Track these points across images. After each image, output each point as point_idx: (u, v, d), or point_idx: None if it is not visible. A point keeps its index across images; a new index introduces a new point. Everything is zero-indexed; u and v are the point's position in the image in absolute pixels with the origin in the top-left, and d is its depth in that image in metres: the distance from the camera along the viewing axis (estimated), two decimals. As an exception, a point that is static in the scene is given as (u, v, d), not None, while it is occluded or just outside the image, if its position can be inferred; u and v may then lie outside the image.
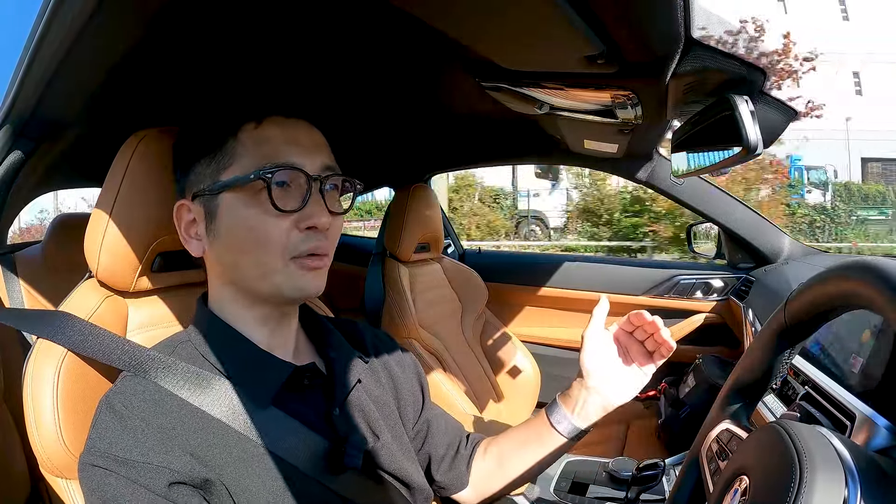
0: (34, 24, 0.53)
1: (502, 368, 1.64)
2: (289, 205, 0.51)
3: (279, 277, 0.52)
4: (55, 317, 0.57)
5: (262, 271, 0.52)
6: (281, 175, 0.52)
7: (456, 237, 2.09)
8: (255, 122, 0.54)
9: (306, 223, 0.52)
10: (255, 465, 0.50)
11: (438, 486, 0.70)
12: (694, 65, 0.59)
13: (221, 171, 0.53)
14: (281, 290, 0.53)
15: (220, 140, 0.53)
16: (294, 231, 0.52)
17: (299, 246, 0.52)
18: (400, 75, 0.92)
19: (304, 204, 0.52)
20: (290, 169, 0.52)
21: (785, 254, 1.50)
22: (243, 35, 0.69)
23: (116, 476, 0.45)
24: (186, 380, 0.51)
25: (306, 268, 0.53)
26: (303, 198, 0.52)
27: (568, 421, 0.67)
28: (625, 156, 1.34)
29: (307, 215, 0.52)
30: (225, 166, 0.53)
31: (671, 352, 0.63)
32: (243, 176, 0.51)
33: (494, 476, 0.70)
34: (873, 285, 0.36)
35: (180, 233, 0.56)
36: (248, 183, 0.51)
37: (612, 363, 0.67)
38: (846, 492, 0.32)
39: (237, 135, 0.53)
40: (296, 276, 0.52)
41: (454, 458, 0.70)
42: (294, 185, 0.53)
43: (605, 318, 0.67)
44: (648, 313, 0.62)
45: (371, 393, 0.63)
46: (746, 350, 0.54)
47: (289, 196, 0.52)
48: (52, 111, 0.70)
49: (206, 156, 0.54)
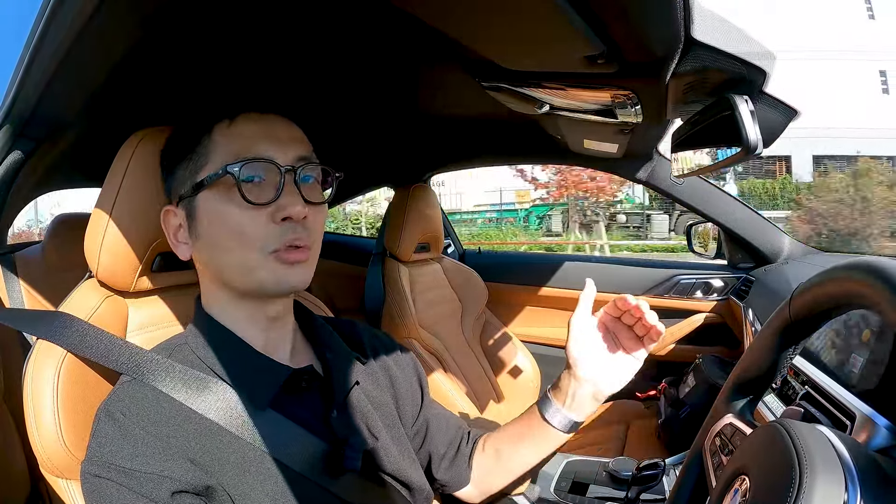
0: (34, 24, 0.53)
1: (502, 368, 1.64)
2: (262, 197, 0.51)
3: (261, 273, 0.52)
4: (54, 317, 0.57)
5: (244, 268, 0.52)
6: (250, 167, 0.51)
7: (456, 237, 2.09)
8: (228, 121, 0.54)
9: (281, 214, 0.51)
10: (253, 469, 0.50)
11: (440, 484, 0.70)
12: (694, 64, 0.59)
13: (198, 171, 0.53)
14: (264, 285, 0.53)
15: (196, 140, 0.54)
16: (270, 224, 0.51)
17: (278, 238, 0.52)
18: (400, 75, 0.92)
19: (278, 196, 0.51)
20: (259, 161, 0.51)
21: (785, 253, 1.50)
22: (246, 34, 0.69)
23: (119, 486, 0.45)
24: (184, 383, 0.51)
25: (287, 262, 0.52)
26: (276, 189, 0.52)
27: (561, 414, 0.65)
28: (625, 156, 1.34)
29: (281, 206, 0.51)
30: (200, 166, 0.53)
31: (661, 335, 0.61)
32: (213, 173, 0.51)
33: (494, 472, 0.70)
34: (874, 285, 0.36)
35: (169, 238, 0.56)
36: (219, 179, 0.51)
37: (600, 350, 0.64)
38: (846, 492, 0.32)
39: (211, 134, 0.53)
40: (277, 270, 0.52)
41: (455, 456, 0.70)
42: (267, 178, 0.52)
43: (591, 303, 0.65)
44: (633, 297, 0.61)
45: (369, 394, 0.62)
46: (750, 346, 0.54)
47: (262, 189, 0.52)
48: (52, 111, 0.70)
49: (184, 158, 0.54)
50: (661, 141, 1.33)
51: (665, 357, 1.72)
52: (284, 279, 0.53)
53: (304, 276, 0.54)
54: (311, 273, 0.55)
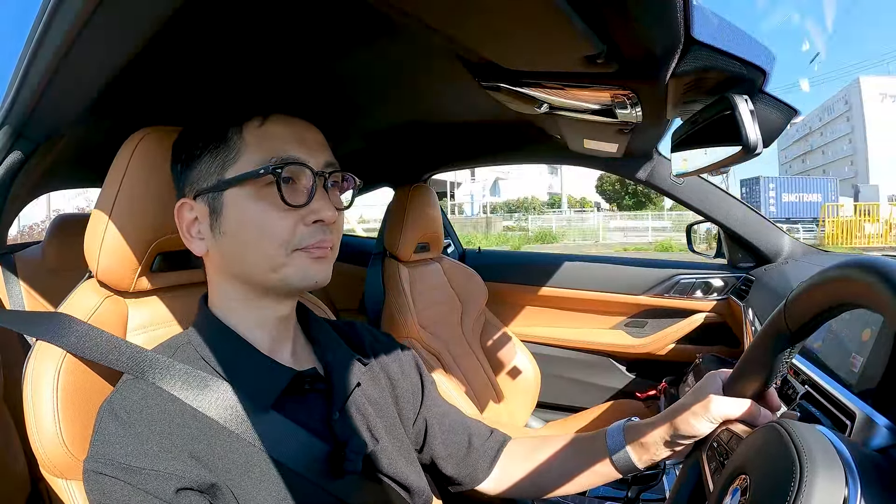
0: (34, 24, 0.53)
1: (502, 368, 1.64)
2: (296, 200, 0.52)
3: (286, 269, 0.53)
4: (53, 318, 0.57)
5: (269, 265, 0.53)
6: (289, 170, 0.52)
7: (456, 237, 2.09)
8: (259, 119, 0.54)
9: (313, 217, 0.53)
10: (255, 470, 0.50)
11: (450, 481, 0.69)
12: (694, 64, 0.59)
13: (227, 167, 0.53)
14: (289, 280, 0.53)
15: (225, 137, 0.54)
16: (300, 226, 0.52)
17: (305, 240, 0.53)
18: (399, 75, 0.92)
19: (310, 199, 0.52)
20: (297, 164, 0.52)
21: (785, 253, 1.50)
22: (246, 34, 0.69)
23: (123, 484, 0.45)
24: (186, 382, 0.51)
25: (312, 256, 0.53)
26: (308, 193, 0.53)
27: (634, 468, 0.61)
28: (625, 155, 1.34)
29: (313, 210, 0.53)
30: (230, 163, 0.53)
31: None
32: (252, 171, 0.51)
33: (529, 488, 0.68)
34: (873, 285, 0.36)
35: (182, 232, 0.56)
36: (257, 178, 0.51)
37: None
38: (846, 491, 0.32)
39: (242, 132, 0.53)
40: (303, 265, 0.53)
41: (467, 456, 0.69)
42: (299, 181, 0.53)
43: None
44: None
45: (370, 396, 0.62)
46: (747, 348, 0.54)
47: (294, 191, 0.53)
48: (52, 111, 0.70)
49: (209, 153, 0.54)
50: (661, 141, 1.34)
51: (665, 357, 1.73)
52: (310, 274, 0.53)
53: (327, 272, 0.55)
54: (330, 271, 0.56)
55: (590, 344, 1.83)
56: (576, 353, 1.86)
